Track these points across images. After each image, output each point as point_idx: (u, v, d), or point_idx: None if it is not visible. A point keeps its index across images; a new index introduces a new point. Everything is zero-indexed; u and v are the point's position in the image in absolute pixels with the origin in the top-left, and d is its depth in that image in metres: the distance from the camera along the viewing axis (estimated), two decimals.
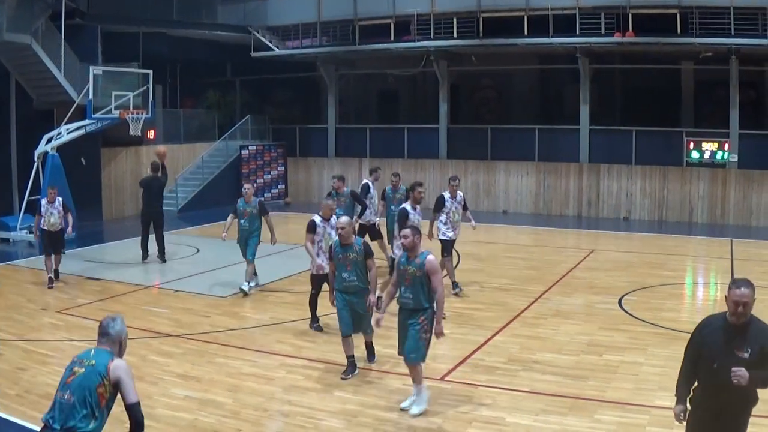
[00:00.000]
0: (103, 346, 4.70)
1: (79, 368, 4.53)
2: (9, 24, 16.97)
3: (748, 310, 4.68)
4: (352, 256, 8.07)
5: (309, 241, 9.81)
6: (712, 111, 22.01)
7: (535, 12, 20.88)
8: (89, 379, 4.47)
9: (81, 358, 4.63)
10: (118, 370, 4.53)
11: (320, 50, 24.33)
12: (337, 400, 7.47)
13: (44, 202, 13.05)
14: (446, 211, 11.74)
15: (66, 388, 4.47)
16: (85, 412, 4.42)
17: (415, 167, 24.38)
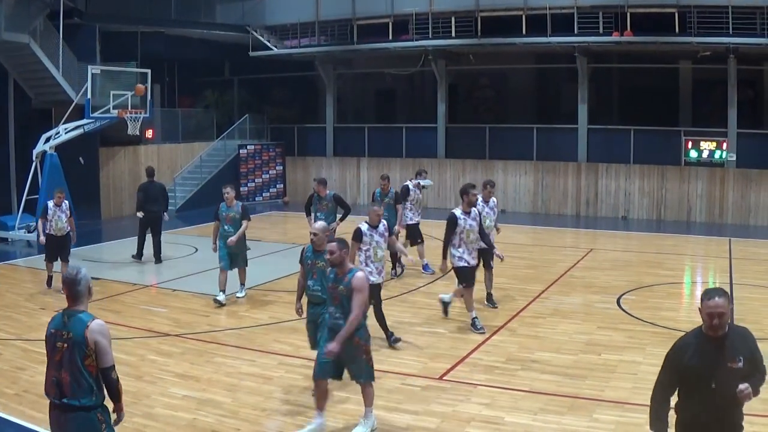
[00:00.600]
0: (75, 306, 4.64)
1: (61, 343, 4.52)
2: (7, 23, 16.95)
3: (724, 321, 4.36)
4: (320, 264, 7.41)
5: (354, 250, 8.94)
6: (711, 110, 22.02)
7: (534, 11, 20.90)
8: (74, 354, 4.48)
9: (57, 328, 4.58)
10: (94, 334, 4.51)
11: (318, 50, 24.33)
12: (336, 399, 7.47)
13: (51, 205, 12.33)
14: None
15: (59, 367, 4.50)
16: (85, 386, 4.49)
17: (414, 167, 24.32)
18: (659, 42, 19.95)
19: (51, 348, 4.58)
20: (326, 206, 12.29)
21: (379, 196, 13.22)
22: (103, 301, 11.61)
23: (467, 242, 9.76)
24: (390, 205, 12.96)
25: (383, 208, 11.78)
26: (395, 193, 13.10)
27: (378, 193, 13.35)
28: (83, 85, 17.53)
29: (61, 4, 18.19)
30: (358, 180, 25.32)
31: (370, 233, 8.99)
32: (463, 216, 9.80)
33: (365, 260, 9.00)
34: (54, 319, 4.69)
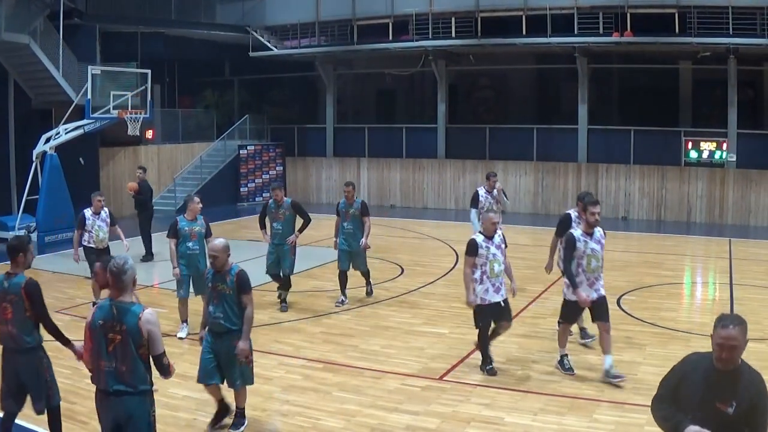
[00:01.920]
0: (120, 296, 4.82)
1: (114, 335, 4.75)
2: (7, 23, 16.96)
3: (735, 355, 3.79)
4: (222, 287, 6.51)
5: (469, 266, 8.00)
6: (711, 111, 22.04)
7: (534, 12, 20.90)
8: (128, 344, 4.74)
9: (107, 320, 4.76)
10: (149, 325, 4.79)
11: (318, 50, 24.34)
12: (336, 399, 7.47)
13: (89, 214, 11.17)
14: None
15: (111, 357, 4.74)
16: (140, 373, 4.79)
17: (413, 167, 24.41)
18: (659, 42, 19.96)
19: (99, 338, 4.76)
20: (283, 215, 10.87)
21: (344, 207, 11.30)
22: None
23: (586, 271, 7.91)
24: (356, 217, 11.19)
25: (348, 221, 11.18)
26: (362, 203, 11.30)
27: (342, 204, 11.35)
28: (83, 86, 17.53)
29: (61, 5, 18.19)
30: (359, 180, 25.29)
31: (486, 245, 7.98)
32: (584, 238, 8.02)
33: (481, 276, 7.94)
34: (101, 310, 4.82)
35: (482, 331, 8.12)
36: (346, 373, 8.30)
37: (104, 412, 4.83)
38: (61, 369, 7.87)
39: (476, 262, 7.92)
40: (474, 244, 7.99)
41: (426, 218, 21.83)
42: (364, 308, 11.25)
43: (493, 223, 8.12)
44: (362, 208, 11.26)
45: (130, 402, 4.75)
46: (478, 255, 7.93)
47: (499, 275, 8.00)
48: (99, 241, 11.17)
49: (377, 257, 15.41)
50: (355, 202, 11.27)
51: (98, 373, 4.81)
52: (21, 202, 17.73)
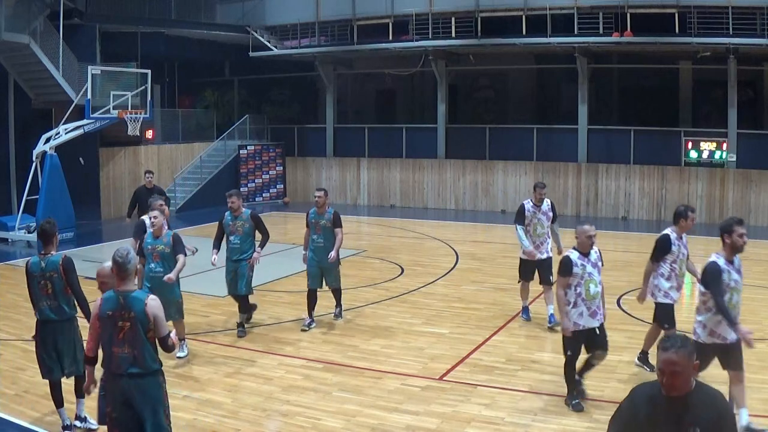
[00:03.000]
0: (124, 286, 5.21)
1: (123, 322, 5.14)
2: (7, 24, 16.97)
3: (678, 381, 3.42)
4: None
5: (562, 287, 7.14)
6: (711, 111, 22.05)
7: (534, 12, 20.90)
8: (137, 329, 5.13)
9: (115, 309, 5.15)
10: (153, 309, 5.19)
11: (318, 50, 24.33)
12: (336, 399, 7.47)
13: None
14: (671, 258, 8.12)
15: (122, 344, 5.13)
16: (150, 354, 5.18)
17: (413, 167, 24.40)
18: (659, 42, 19.96)
19: (110, 327, 5.15)
20: (241, 228, 9.64)
21: (314, 218, 10.10)
22: None
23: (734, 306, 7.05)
24: (327, 229, 10.01)
25: (319, 234, 10.00)
26: (334, 214, 10.08)
27: (312, 213, 10.14)
28: (83, 86, 17.53)
29: (61, 5, 18.20)
30: (359, 180, 25.32)
31: (582, 263, 7.21)
32: (727, 267, 7.27)
33: (575, 299, 7.09)
34: (108, 302, 5.20)
35: (571, 360, 7.16)
36: (346, 373, 8.30)
37: (116, 392, 5.17)
38: None
39: (570, 283, 7.13)
40: (568, 262, 7.17)
41: (426, 218, 21.83)
42: (364, 308, 11.25)
43: (589, 236, 7.31)
44: (334, 219, 10.00)
45: (143, 381, 5.17)
46: (572, 274, 7.13)
47: (595, 297, 7.19)
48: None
49: (377, 257, 15.43)
50: (326, 212, 10.02)
51: (111, 358, 5.16)
52: (21, 202, 17.74)
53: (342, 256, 15.99)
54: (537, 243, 10.07)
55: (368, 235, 19.62)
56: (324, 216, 10.05)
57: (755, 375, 7.99)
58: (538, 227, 10.13)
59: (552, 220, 10.36)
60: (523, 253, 10.08)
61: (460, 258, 15.25)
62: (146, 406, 5.15)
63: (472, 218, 21.92)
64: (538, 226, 10.12)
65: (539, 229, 10.14)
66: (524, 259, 10.11)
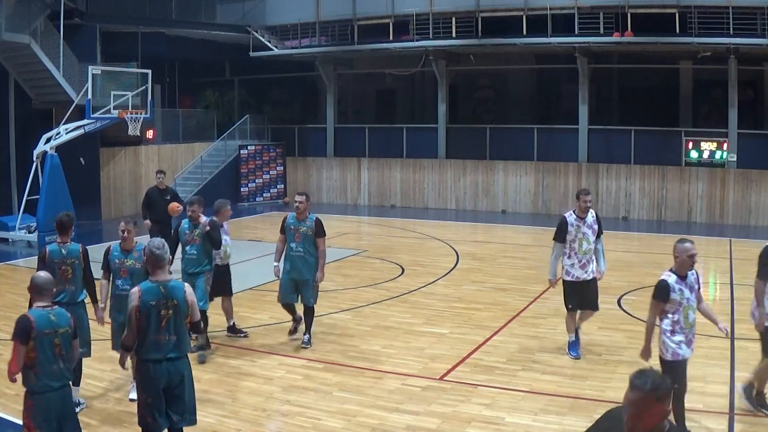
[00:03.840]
0: (162, 276, 5.57)
1: (166, 310, 5.48)
2: (8, 24, 16.97)
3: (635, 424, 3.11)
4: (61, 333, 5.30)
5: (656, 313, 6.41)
6: (711, 111, 22.05)
7: (534, 12, 20.91)
8: (179, 316, 5.54)
9: (158, 299, 5.46)
10: (191, 296, 5.66)
11: (319, 50, 24.33)
12: (337, 399, 7.47)
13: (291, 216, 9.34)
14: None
15: (165, 332, 5.46)
16: (186, 340, 5.64)
17: (414, 167, 24.41)
18: (660, 42, 19.95)
19: (152, 317, 5.42)
20: (199, 237, 8.75)
21: (293, 224, 9.15)
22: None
23: None
24: (307, 237, 9.02)
25: (298, 242, 9.03)
26: (315, 221, 9.06)
27: (291, 219, 9.19)
28: (84, 86, 17.52)
29: (61, 5, 18.21)
30: (359, 180, 25.32)
31: (680, 288, 6.25)
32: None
33: (672, 327, 6.28)
34: (148, 292, 5.47)
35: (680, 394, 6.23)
36: (346, 373, 8.29)
37: (156, 377, 5.46)
38: None
39: (666, 309, 6.28)
40: (665, 286, 6.21)
41: (426, 218, 21.82)
42: (364, 308, 11.25)
43: (691, 256, 6.24)
44: (316, 226, 9.00)
45: (182, 365, 5.58)
46: (669, 300, 6.25)
47: (693, 324, 6.37)
48: (227, 257, 9.50)
49: (378, 257, 15.43)
50: (307, 218, 9.05)
51: (153, 345, 5.44)
52: (21, 202, 17.74)
53: (342, 256, 16.11)
54: (583, 262, 8.60)
55: (369, 235, 19.63)
56: (305, 222, 9.04)
57: None
58: (584, 243, 8.60)
59: (597, 235, 8.81)
60: (567, 275, 8.65)
61: (461, 258, 15.25)
62: (184, 386, 5.59)
63: (473, 218, 21.92)
64: (584, 242, 8.60)
65: (585, 245, 8.61)
66: (570, 281, 8.64)
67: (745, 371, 8.05)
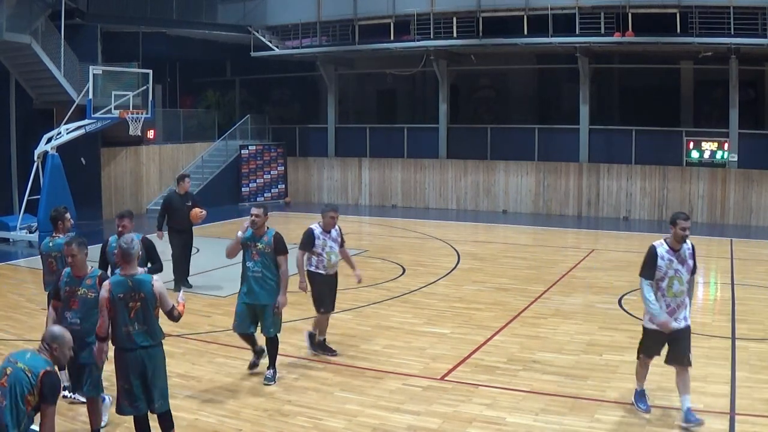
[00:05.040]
0: (130, 270, 5.86)
1: (134, 302, 5.79)
2: (8, 24, 16.98)
3: None
4: None
5: None
6: (712, 111, 22.05)
7: (535, 12, 20.90)
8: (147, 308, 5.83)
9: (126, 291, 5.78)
10: (159, 288, 5.88)
11: (320, 50, 24.34)
12: (337, 399, 7.47)
13: (318, 231, 8.61)
14: None
15: (132, 321, 5.79)
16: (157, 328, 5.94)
17: (415, 167, 24.41)
18: (661, 42, 19.95)
19: (121, 308, 5.76)
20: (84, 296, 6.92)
21: (249, 240, 7.91)
22: None
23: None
24: (266, 255, 7.83)
25: (255, 260, 7.82)
26: (275, 237, 7.84)
27: (248, 235, 7.92)
28: (85, 86, 17.54)
29: (62, 5, 18.21)
30: (360, 180, 25.33)
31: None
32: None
33: None
34: (117, 285, 5.80)
35: None
36: (347, 373, 8.30)
37: (130, 364, 5.83)
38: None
39: None
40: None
41: (427, 218, 21.82)
42: (365, 308, 11.25)
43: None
44: (276, 243, 7.79)
45: (155, 352, 5.93)
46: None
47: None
48: (331, 265, 8.68)
49: (378, 257, 15.43)
50: (266, 234, 7.86)
51: (125, 335, 5.80)
52: (22, 201, 17.74)
53: None
54: (672, 306, 6.75)
55: (369, 235, 19.63)
56: (262, 239, 7.83)
57: (756, 375, 7.98)
58: (675, 283, 6.70)
59: (692, 271, 6.85)
60: (651, 322, 6.89)
61: (462, 258, 15.25)
62: (157, 373, 5.91)
63: (474, 218, 21.92)
64: (676, 281, 6.70)
65: (676, 286, 6.71)
66: (651, 329, 6.91)
67: (745, 371, 8.07)
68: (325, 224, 8.66)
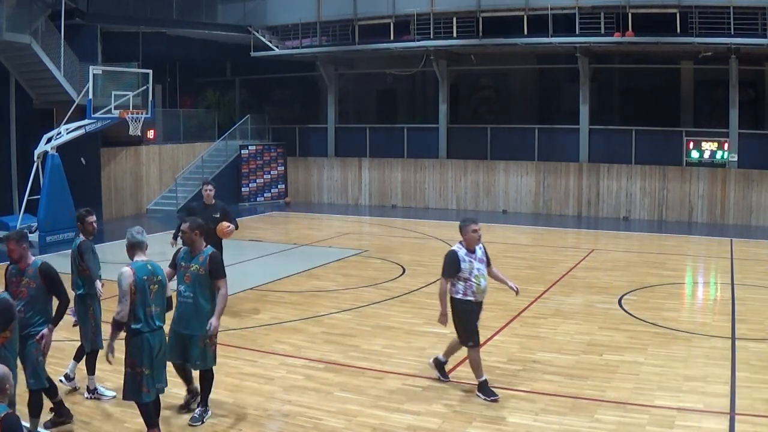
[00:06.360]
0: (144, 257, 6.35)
1: (153, 285, 6.24)
2: (8, 24, 16.98)
3: None
4: None
5: None
6: (712, 111, 22.04)
7: (535, 12, 20.89)
8: (163, 291, 6.35)
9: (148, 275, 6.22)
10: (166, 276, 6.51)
11: (320, 50, 24.33)
12: (337, 400, 7.47)
13: (462, 252, 7.43)
14: None
15: (151, 303, 6.19)
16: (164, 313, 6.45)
17: (415, 167, 24.41)
18: (661, 42, 19.95)
19: (145, 290, 6.15)
20: (26, 288, 6.30)
21: (183, 259, 6.85)
22: (105, 301, 11.59)
23: None
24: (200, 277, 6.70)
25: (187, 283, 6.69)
26: (210, 257, 6.72)
27: (183, 254, 6.89)
28: (84, 86, 17.54)
29: (62, 5, 18.21)
30: (360, 180, 25.33)
31: None
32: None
33: None
34: (140, 269, 6.20)
35: None
36: (347, 373, 8.30)
37: (153, 345, 6.19)
38: (62, 369, 7.88)
39: None
40: None
41: (427, 218, 21.82)
42: (365, 308, 11.25)
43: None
44: (211, 264, 6.71)
45: (163, 334, 6.37)
46: None
47: None
48: (481, 291, 7.51)
49: (378, 257, 15.43)
50: (201, 253, 6.78)
51: (147, 316, 6.15)
52: (22, 202, 17.74)
53: (343, 256, 16.14)
54: None
55: (369, 235, 19.64)
56: (197, 259, 6.75)
57: (756, 375, 7.98)
58: None
59: None
60: None
61: None
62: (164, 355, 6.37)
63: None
64: None
65: None
66: None
67: (746, 371, 8.07)
68: (468, 242, 7.49)
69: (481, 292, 7.47)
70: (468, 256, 7.44)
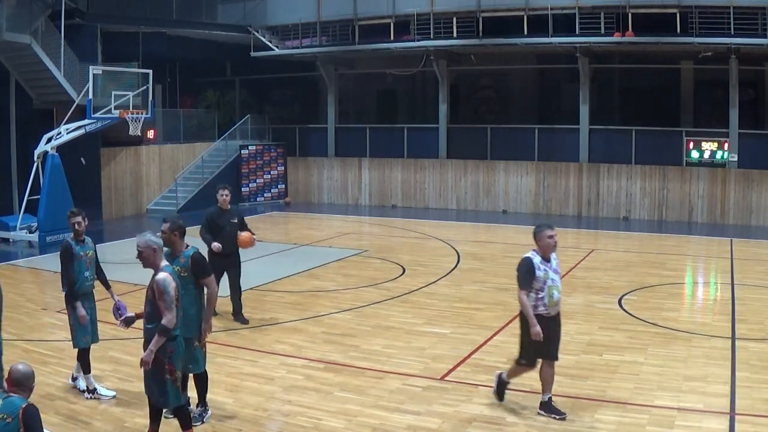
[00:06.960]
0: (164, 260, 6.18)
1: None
2: (8, 24, 16.98)
3: None
4: None
5: None
6: (712, 111, 22.04)
7: (535, 12, 20.89)
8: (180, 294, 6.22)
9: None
10: None
11: (320, 50, 24.33)
12: (337, 400, 7.47)
13: (538, 261, 7.09)
14: None
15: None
16: None
17: (415, 167, 24.41)
18: (661, 42, 19.94)
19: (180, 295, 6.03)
20: None
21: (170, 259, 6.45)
22: (104, 301, 11.59)
23: None
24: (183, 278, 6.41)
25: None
26: (192, 258, 6.56)
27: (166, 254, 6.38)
28: (85, 86, 17.54)
29: (62, 5, 18.21)
30: (360, 180, 25.33)
31: None
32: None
33: None
34: (174, 274, 6.09)
35: None
36: (347, 373, 8.30)
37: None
38: (62, 369, 7.89)
39: None
40: None
41: (427, 218, 21.82)
42: (365, 308, 11.25)
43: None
44: (194, 264, 6.57)
45: None
46: None
47: None
48: (553, 303, 6.91)
49: (378, 257, 15.43)
50: (182, 254, 6.60)
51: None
52: (22, 202, 17.74)
53: (343, 256, 16.16)
54: None
55: (369, 235, 19.64)
56: (178, 260, 6.57)
57: (756, 375, 7.98)
58: None
59: None
60: None
61: (462, 258, 15.24)
62: None
63: (474, 218, 21.91)
64: None
65: None
66: None
67: (746, 371, 8.07)
68: (543, 249, 7.12)
69: (553, 305, 6.87)
70: (543, 264, 7.01)
